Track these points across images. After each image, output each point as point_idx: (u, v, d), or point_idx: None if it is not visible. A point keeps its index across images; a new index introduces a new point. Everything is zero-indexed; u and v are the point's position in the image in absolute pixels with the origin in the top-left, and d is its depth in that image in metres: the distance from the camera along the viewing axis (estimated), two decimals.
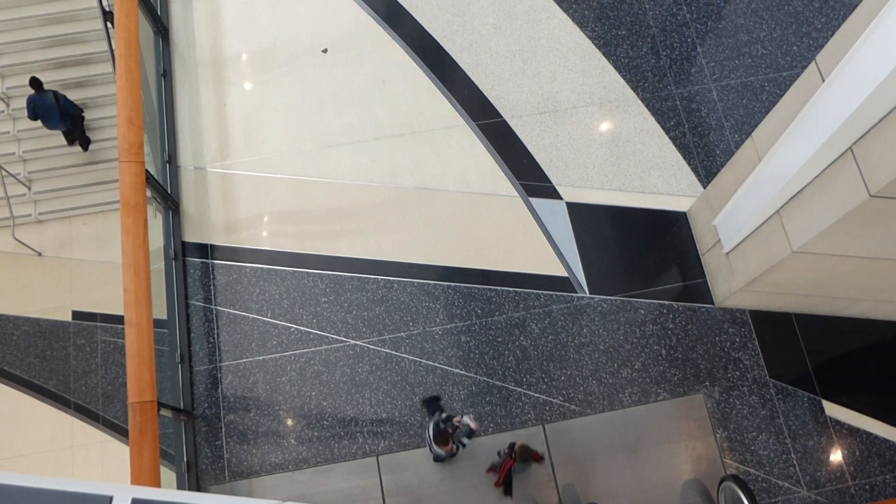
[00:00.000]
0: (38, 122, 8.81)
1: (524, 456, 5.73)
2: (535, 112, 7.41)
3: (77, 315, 8.70)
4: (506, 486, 5.99)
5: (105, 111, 9.18)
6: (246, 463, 6.27)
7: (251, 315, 6.72)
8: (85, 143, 9.08)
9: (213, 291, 6.82)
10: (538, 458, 6.02)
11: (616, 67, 7.60)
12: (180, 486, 6.17)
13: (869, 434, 6.29)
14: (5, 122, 9.11)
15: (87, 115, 9.05)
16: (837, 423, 6.31)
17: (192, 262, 6.95)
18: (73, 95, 8.87)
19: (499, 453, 5.96)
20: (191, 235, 7.06)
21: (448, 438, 5.43)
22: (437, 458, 6.01)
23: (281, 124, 7.45)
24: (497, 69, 7.59)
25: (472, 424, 5.44)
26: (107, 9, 6.93)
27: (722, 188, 6.22)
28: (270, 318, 6.71)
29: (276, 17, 7.91)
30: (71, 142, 9.00)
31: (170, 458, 6.24)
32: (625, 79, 7.54)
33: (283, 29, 7.86)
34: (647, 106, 7.42)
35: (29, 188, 9.15)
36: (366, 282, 6.77)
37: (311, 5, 7.95)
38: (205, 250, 7.00)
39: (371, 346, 6.58)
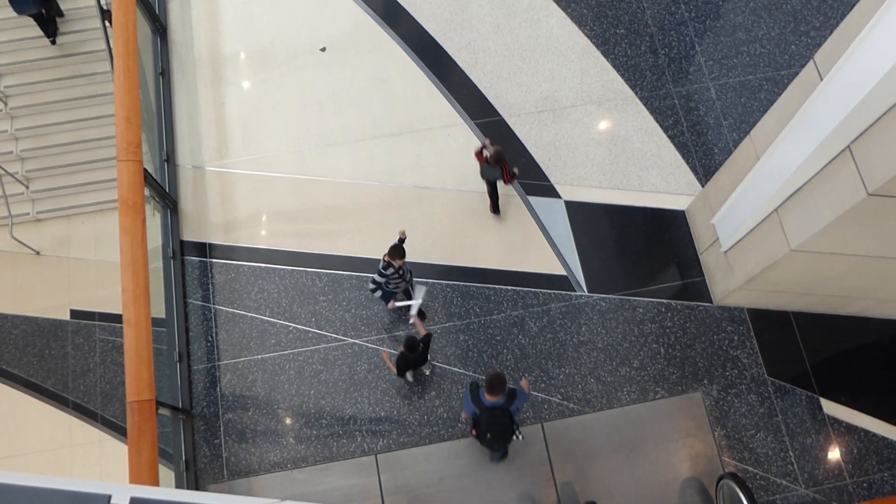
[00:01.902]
0: (37, 123, 8.79)
1: (497, 157, 6.04)
2: (534, 111, 7.40)
3: (75, 314, 8.68)
4: (493, 203, 6.84)
5: None
6: (244, 462, 6.27)
7: (250, 314, 6.72)
8: (59, 13, 8.84)
9: (211, 290, 6.82)
10: (508, 170, 6.22)
11: (614, 66, 7.60)
12: (179, 485, 6.17)
13: (867, 432, 6.30)
14: (3, 121, 9.08)
15: None
16: (835, 421, 6.32)
17: (190, 261, 6.95)
18: None
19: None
20: (189, 234, 7.05)
21: (401, 250, 5.68)
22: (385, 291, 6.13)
23: (279, 123, 7.45)
24: (495, 68, 7.59)
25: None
26: (105, 7, 6.92)
27: (720, 187, 6.22)
28: (269, 316, 6.70)
29: (275, 17, 7.91)
30: (44, 27, 8.71)
31: (168, 457, 6.23)
32: (623, 77, 7.54)
33: (282, 28, 7.85)
34: (645, 104, 7.42)
35: (27, 187, 9.13)
36: (364, 280, 6.77)
37: (309, 4, 7.94)
38: (203, 249, 6.99)
39: (369, 345, 6.58)
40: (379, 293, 6.00)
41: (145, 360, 5.21)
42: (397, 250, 5.65)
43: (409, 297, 6.17)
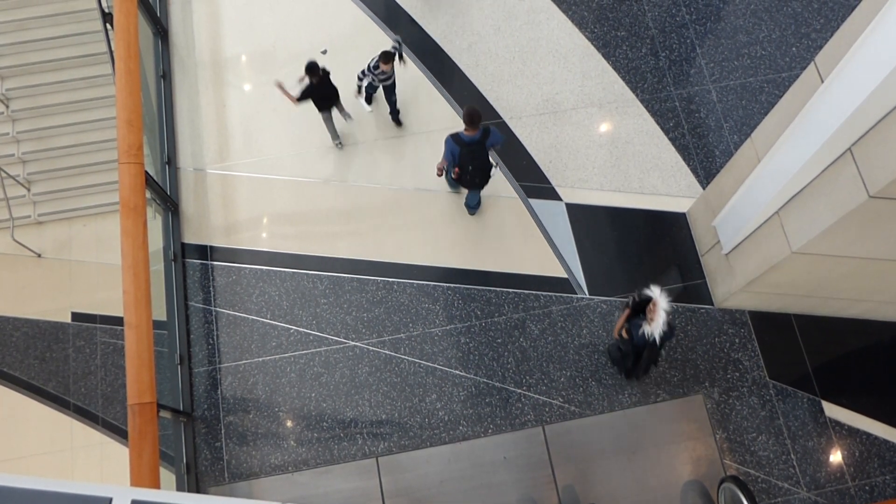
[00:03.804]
0: (38, 126, 8.81)
1: None
2: (535, 113, 7.41)
3: (76, 316, 8.69)
4: None
5: None
6: (245, 464, 6.27)
7: (251, 316, 6.72)
8: None
9: (212, 293, 6.82)
10: None
11: (615, 68, 7.60)
12: (180, 488, 6.17)
13: (869, 435, 6.29)
14: (5, 124, 9.10)
15: None
16: (837, 424, 6.31)
17: (191, 264, 6.95)
18: None
19: None
20: (190, 237, 7.06)
21: (391, 56, 6.39)
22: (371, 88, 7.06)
23: (280, 126, 7.45)
24: (496, 70, 7.60)
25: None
26: (106, 10, 6.93)
27: (721, 189, 6.22)
28: (270, 319, 6.70)
29: (276, 19, 7.92)
30: None
31: (169, 460, 6.24)
32: (624, 80, 7.54)
33: (283, 30, 7.86)
34: (646, 107, 7.42)
35: (28, 190, 9.15)
36: (365, 283, 6.77)
37: (310, 7, 7.96)
38: (204, 252, 6.99)
39: (370, 348, 6.58)
40: (365, 83, 6.79)
41: (146, 363, 5.21)
42: (388, 56, 6.35)
43: (392, 95, 6.99)
